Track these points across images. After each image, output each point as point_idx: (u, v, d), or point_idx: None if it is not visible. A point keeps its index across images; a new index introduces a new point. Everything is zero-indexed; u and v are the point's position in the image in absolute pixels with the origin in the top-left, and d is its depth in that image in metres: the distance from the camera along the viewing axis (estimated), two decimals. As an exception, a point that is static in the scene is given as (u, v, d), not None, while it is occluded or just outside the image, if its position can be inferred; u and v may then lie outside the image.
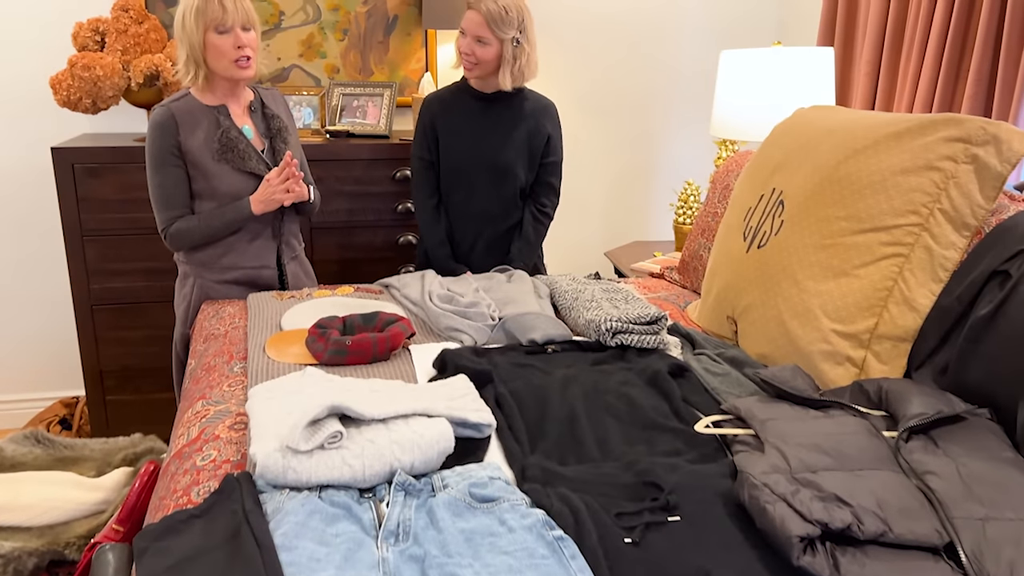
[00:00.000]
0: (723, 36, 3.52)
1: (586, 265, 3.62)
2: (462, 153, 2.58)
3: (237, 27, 2.22)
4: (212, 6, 2.20)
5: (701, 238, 2.43)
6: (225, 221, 2.28)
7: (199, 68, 2.26)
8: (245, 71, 2.26)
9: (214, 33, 2.21)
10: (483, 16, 2.43)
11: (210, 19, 2.20)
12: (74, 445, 2.17)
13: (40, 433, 2.18)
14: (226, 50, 2.22)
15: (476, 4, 2.45)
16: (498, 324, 1.96)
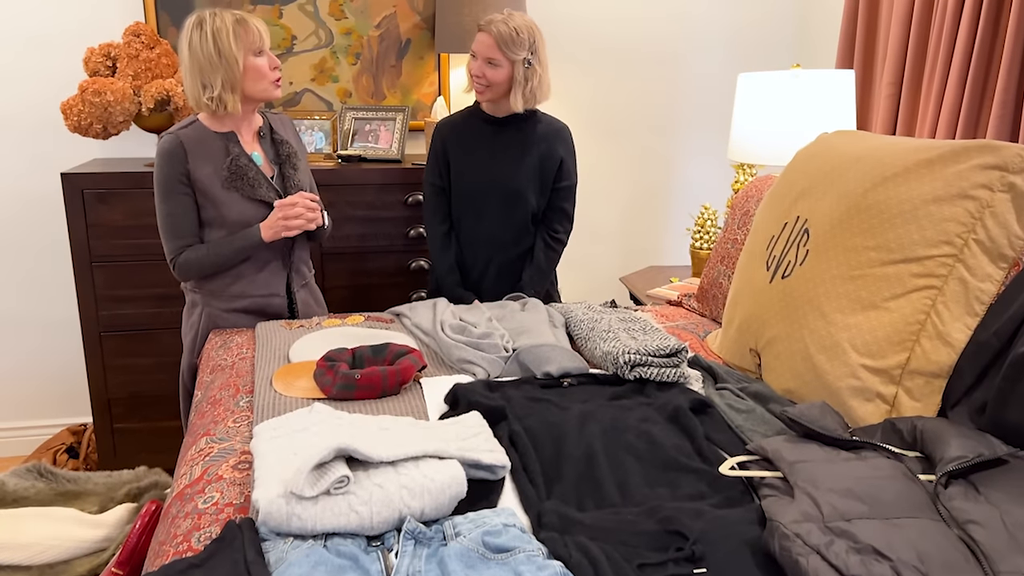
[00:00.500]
0: (741, 58, 3.46)
1: (601, 290, 3.54)
2: (473, 178, 2.52)
3: (267, 49, 2.22)
4: (250, 30, 2.18)
5: (720, 265, 2.36)
6: (234, 248, 2.23)
7: (235, 93, 2.21)
8: (278, 90, 2.26)
9: (252, 56, 2.19)
10: (494, 38, 2.38)
11: (250, 42, 2.18)
12: (77, 479, 2.11)
13: (43, 466, 2.12)
14: (265, 71, 2.21)
15: (487, 26, 2.40)
16: (512, 356, 1.89)
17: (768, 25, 3.48)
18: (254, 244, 2.23)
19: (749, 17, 3.47)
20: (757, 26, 3.47)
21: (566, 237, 2.61)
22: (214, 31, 2.16)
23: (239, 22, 2.16)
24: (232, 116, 2.28)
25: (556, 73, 3.39)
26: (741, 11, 3.47)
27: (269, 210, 2.27)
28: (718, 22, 3.45)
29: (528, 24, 2.44)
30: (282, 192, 2.33)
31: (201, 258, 2.21)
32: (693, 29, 3.45)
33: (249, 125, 2.34)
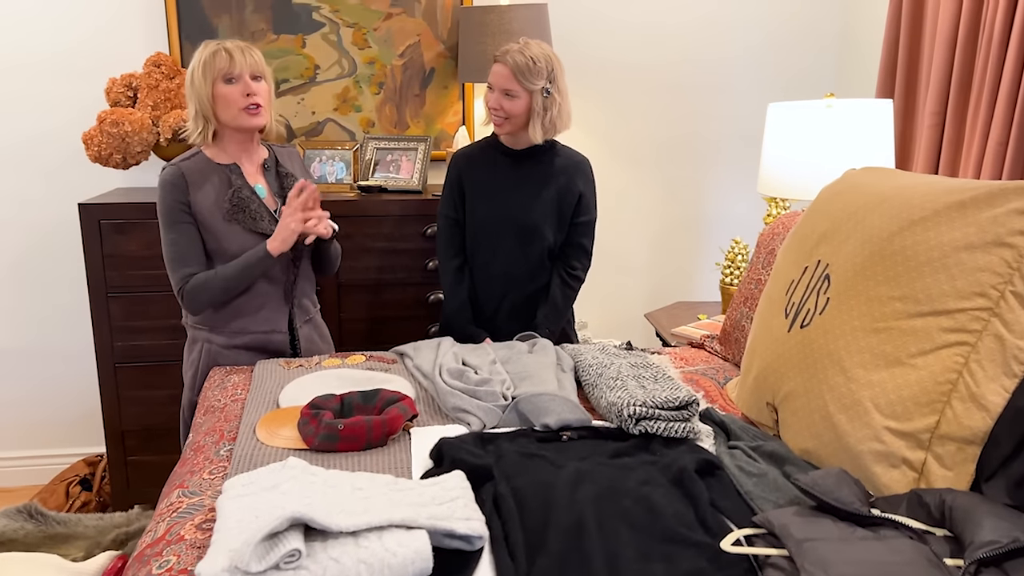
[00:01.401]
0: (775, 87, 3.30)
1: (627, 325, 3.40)
2: (488, 212, 2.42)
3: (246, 75, 2.13)
4: (219, 56, 2.12)
5: (743, 306, 2.21)
6: (240, 267, 2.12)
7: (208, 123, 2.17)
8: (255, 118, 2.15)
9: (222, 83, 2.12)
10: (510, 68, 2.28)
11: (218, 69, 2.11)
12: (68, 521, 2.05)
13: (34, 507, 2.06)
14: (234, 98, 2.12)
15: (502, 56, 2.30)
16: (511, 405, 1.77)
17: (805, 52, 3.32)
18: (260, 258, 2.12)
19: (784, 44, 3.32)
20: (793, 53, 3.32)
21: (584, 274, 2.49)
22: (193, 61, 2.14)
23: (215, 51, 2.11)
24: (232, 146, 2.22)
25: (583, 102, 3.27)
26: (777, 38, 3.31)
27: None
28: (752, 50, 3.31)
29: (546, 52, 2.33)
30: None
31: (210, 281, 2.12)
32: (726, 57, 3.31)
33: (252, 157, 2.27)
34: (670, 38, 3.27)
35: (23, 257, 3.11)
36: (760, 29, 3.30)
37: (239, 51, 2.13)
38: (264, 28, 3.08)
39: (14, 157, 3.04)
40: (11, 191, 3.06)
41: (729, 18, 3.29)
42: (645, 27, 3.25)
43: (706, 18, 3.27)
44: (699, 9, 3.26)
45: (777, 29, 3.31)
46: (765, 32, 3.30)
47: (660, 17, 3.25)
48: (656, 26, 3.26)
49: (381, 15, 3.12)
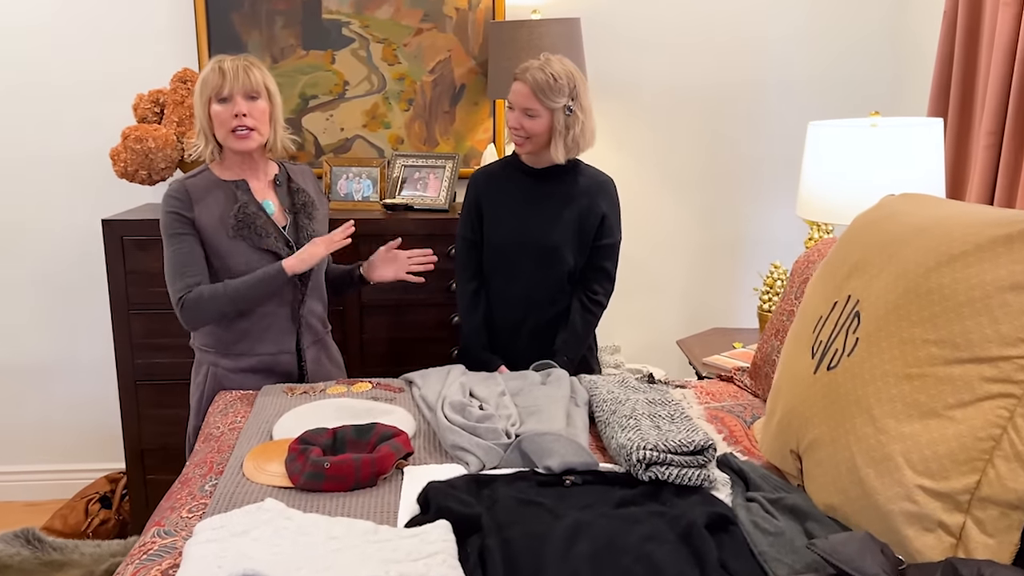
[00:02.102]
0: (819, 104, 3.13)
1: (661, 351, 3.24)
2: (506, 233, 2.31)
3: (238, 95, 2.06)
4: (213, 74, 2.07)
5: (775, 339, 2.05)
6: (253, 282, 2.04)
7: (208, 140, 2.14)
8: (242, 141, 2.08)
9: (216, 102, 2.07)
10: (530, 87, 2.17)
11: (211, 88, 2.06)
12: (64, 548, 2.00)
13: (32, 533, 2.02)
14: (225, 119, 2.07)
15: (522, 74, 2.20)
16: (513, 443, 1.65)
17: (851, 68, 3.14)
18: (274, 275, 2.04)
19: (829, 61, 3.14)
20: (838, 70, 3.14)
21: (606, 299, 2.36)
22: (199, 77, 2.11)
23: (211, 68, 2.06)
24: (235, 163, 2.17)
25: (617, 120, 3.15)
26: (820, 54, 3.14)
27: (276, 260, 2.12)
28: (794, 65, 3.14)
29: (567, 69, 2.22)
30: (294, 242, 2.18)
31: (216, 293, 2.03)
32: (769, 73, 3.15)
33: (259, 173, 2.21)
34: (707, 53, 3.13)
35: (54, 272, 3.11)
36: (803, 44, 3.13)
37: (233, 70, 2.06)
38: (294, 44, 3.03)
39: (46, 172, 3.04)
40: (43, 205, 3.06)
41: (770, 32, 3.13)
42: (682, 42, 3.11)
43: (746, 32, 3.12)
44: (738, 23, 3.11)
45: (821, 45, 3.13)
46: (808, 47, 3.13)
47: (697, 32, 3.11)
48: (693, 41, 3.12)
49: (412, 31, 3.04)
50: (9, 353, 3.14)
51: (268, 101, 2.12)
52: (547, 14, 2.97)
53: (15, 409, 3.18)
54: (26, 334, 3.14)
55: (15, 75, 2.96)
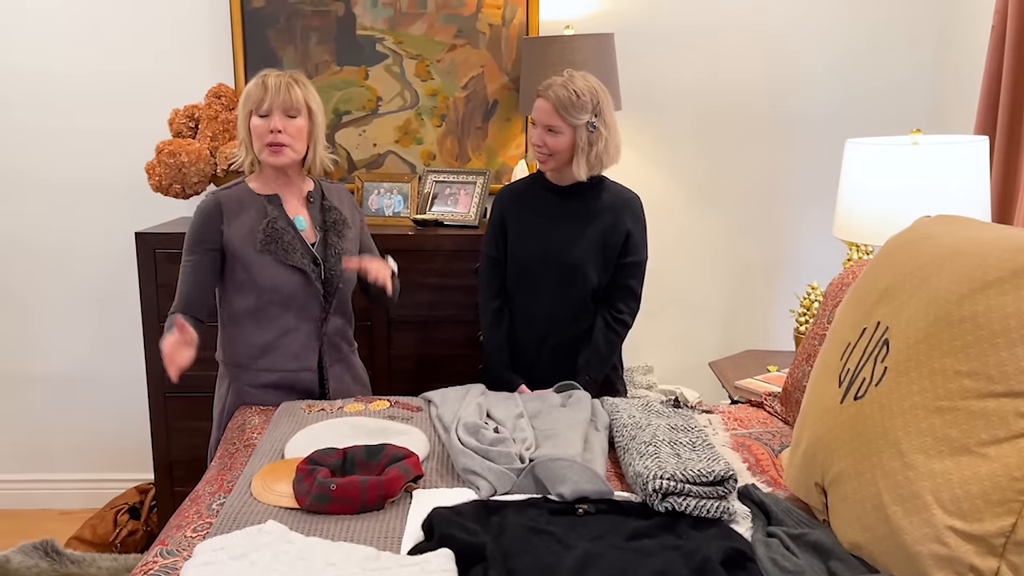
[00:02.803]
0: (858, 121, 3.03)
1: (694, 372, 3.16)
2: (528, 250, 2.27)
3: (277, 111, 2.07)
4: (256, 88, 2.09)
5: (805, 365, 1.97)
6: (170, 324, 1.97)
7: (247, 152, 2.16)
8: (275, 157, 2.09)
9: (256, 116, 2.08)
10: (552, 104, 2.14)
11: (252, 101, 2.08)
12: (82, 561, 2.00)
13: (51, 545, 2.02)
14: (261, 133, 2.08)
15: (545, 91, 2.17)
16: (527, 468, 1.60)
17: (891, 85, 3.04)
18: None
19: (868, 77, 3.05)
20: (878, 86, 3.04)
21: (631, 319, 2.29)
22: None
23: (256, 82, 2.08)
24: (271, 177, 2.17)
25: (650, 136, 3.09)
26: (860, 70, 3.05)
27: (302, 277, 2.12)
28: (833, 82, 3.05)
29: (591, 85, 2.18)
30: (321, 259, 2.17)
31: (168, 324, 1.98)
32: (808, 88, 3.06)
33: (294, 188, 2.21)
34: (744, 68, 3.05)
35: (89, 284, 3.15)
36: (841, 60, 3.04)
37: (275, 86, 2.07)
38: (328, 60, 3.04)
39: (83, 186, 3.09)
40: (80, 218, 3.10)
41: (808, 47, 3.04)
42: (717, 57, 3.05)
43: (783, 46, 3.04)
44: (775, 37, 3.03)
45: (860, 60, 3.04)
46: (846, 63, 3.04)
47: (733, 46, 3.04)
48: (729, 56, 3.05)
49: (445, 46, 3.03)
50: (44, 364, 3.19)
51: (308, 119, 2.12)
52: (580, 30, 2.93)
53: (50, 419, 3.22)
54: (60, 345, 3.19)
55: (53, 89, 3.02)
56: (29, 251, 3.12)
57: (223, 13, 2.98)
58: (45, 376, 3.20)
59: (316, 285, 2.14)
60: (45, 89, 3.02)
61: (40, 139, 3.06)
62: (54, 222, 3.11)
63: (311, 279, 2.13)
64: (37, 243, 3.12)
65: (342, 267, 2.17)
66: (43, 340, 3.18)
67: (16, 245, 3.12)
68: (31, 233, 3.11)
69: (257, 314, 2.14)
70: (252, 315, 2.14)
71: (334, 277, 2.17)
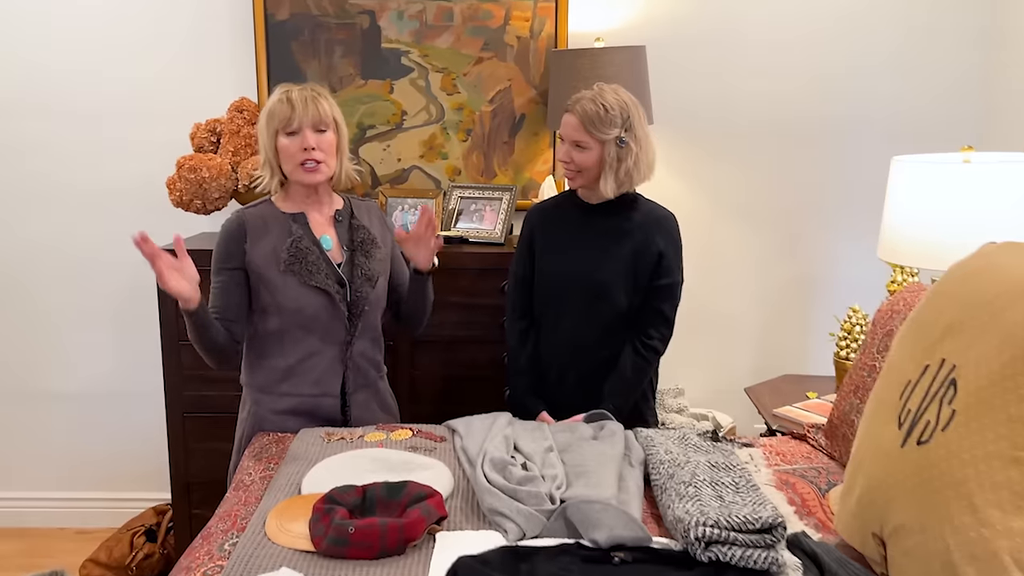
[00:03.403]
0: (904, 137, 2.90)
1: (727, 396, 3.02)
2: (554, 268, 2.17)
3: (307, 128, 1.98)
4: (281, 106, 1.99)
5: (854, 397, 1.84)
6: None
7: (274, 172, 2.05)
8: (311, 175, 2.00)
9: (283, 135, 1.99)
10: (579, 118, 2.04)
11: (279, 119, 1.98)
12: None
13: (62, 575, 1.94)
14: (292, 152, 1.98)
15: (573, 106, 2.07)
16: (558, 510, 1.48)
17: (940, 101, 2.91)
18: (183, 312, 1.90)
19: (916, 91, 2.92)
20: (926, 101, 2.91)
21: (662, 346, 2.17)
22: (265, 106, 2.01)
23: (279, 99, 1.98)
24: (299, 196, 2.08)
25: (684, 151, 2.97)
26: (906, 83, 2.92)
27: (326, 299, 2.03)
28: (877, 95, 2.92)
29: (621, 99, 2.07)
30: (348, 280, 2.07)
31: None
32: (847, 101, 2.94)
33: (322, 207, 2.12)
34: (783, 81, 2.94)
35: (110, 300, 3.09)
36: (886, 72, 2.91)
37: (302, 102, 1.98)
38: (352, 73, 2.96)
39: (104, 200, 3.02)
40: (100, 233, 3.03)
41: (850, 59, 2.92)
42: (755, 69, 2.93)
43: (824, 59, 2.92)
44: (815, 47, 2.91)
45: (906, 72, 2.91)
46: (892, 74, 2.91)
47: (772, 58, 2.92)
48: (767, 68, 2.93)
49: (471, 59, 2.94)
50: (65, 380, 3.12)
51: (336, 132, 2.04)
52: (611, 42, 2.83)
53: (69, 436, 3.15)
54: (81, 361, 3.12)
55: (74, 102, 2.95)
56: (50, 264, 3.06)
57: (247, 26, 2.91)
58: (65, 392, 3.13)
59: (341, 307, 2.05)
60: (69, 101, 2.96)
61: (62, 153, 3.00)
62: (76, 235, 3.04)
63: (335, 301, 2.04)
64: (58, 256, 3.05)
65: (369, 289, 2.08)
66: (64, 355, 3.12)
67: (38, 258, 3.06)
68: (53, 245, 3.05)
69: (280, 337, 2.05)
70: (274, 338, 2.05)
71: (360, 299, 2.07)
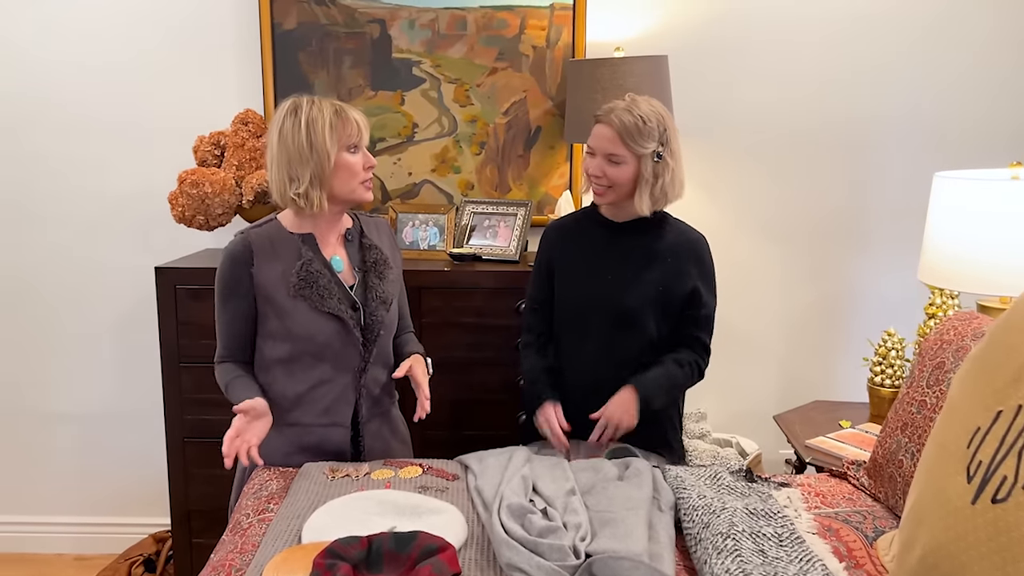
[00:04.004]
0: (946, 152, 2.74)
1: (752, 421, 2.87)
2: (576, 292, 2.02)
3: (363, 145, 1.90)
4: (349, 123, 1.86)
5: (900, 435, 1.68)
6: (230, 391, 1.90)
7: (322, 190, 1.87)
8: (369, 192, 1.92)
9: (346, 152, 1.86)
10: (616, 130, 1.89)
11: (347, 135, 1.85)
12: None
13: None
14: (357, 170, 1.87)
15: (606, 116, 1.92)
16: (582, 566, 1.33)
17: (986, 114, 2.75)
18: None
19: (959, 102, 2.76)
20: (970, 114, 2.75)
21: (704, 367, 2.03)
22: (309, 120, 1.83)
23: (337, 113, 1.85)
24: (315, 216, 1.93)
25: (709, 166, 2.82)
26: (949, 94, 2.76)
27: (339, 324, 1.89)
28: (917, 106, 2.77)
29: (657, 111, 1.93)
30: (362, 303, 1.93)
31: (223, 376, 1.94)
32: (883, 114, 2.78)
33: (333, 227, 1.97)
34: (813, 90, 2.78)
35: (109, 318, 2.95)
36: (927, 81, 2.76)
37: (362, 118, 1.90)
38: (362, 84, 2.82)
39: (106, 215, 2.89)
40: (106, 248, 2.90)
41: (887, 66, 2.76)
42: (783, 79, 2.78)
43: (858, 66, 2.76)
44: (846, 54, 2.76)
45: (949, 82, 2.75)
46: (934, 84, 2.76)
47: (802, 66, 2.77)
48: (797, 78, 2.78)
49: (485, 70, 2.80)
50: (66, 401, 2.99)
51: None
52: (632, 51, 2.68)
53: (67, 459, 3.02)
54: (82, 382, 2.98)
55: (78, 114, 2.83)
56: (50, 282, 2.93)
57: (253, 36, 2.78)
58: (64, 413, 2.99)
59: (355, 333, 1.90)
60: (70, 113, 2.83)
61: (62, 168, 2.87)
62: (78, 250, 2.91)
63: (349, 326, 1.89)
64: (60, 272, 2.92)
65: (383, 312, 1.94)
66: (65, 376, 2.98)
67: (38, 275, 2.93)
68: (55, 262, 2.91)
69: (289, 364, 1.91)
70: (283, 365, 1.91)
71: (374, 323, 1.93)
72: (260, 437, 1.77)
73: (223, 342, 1.93)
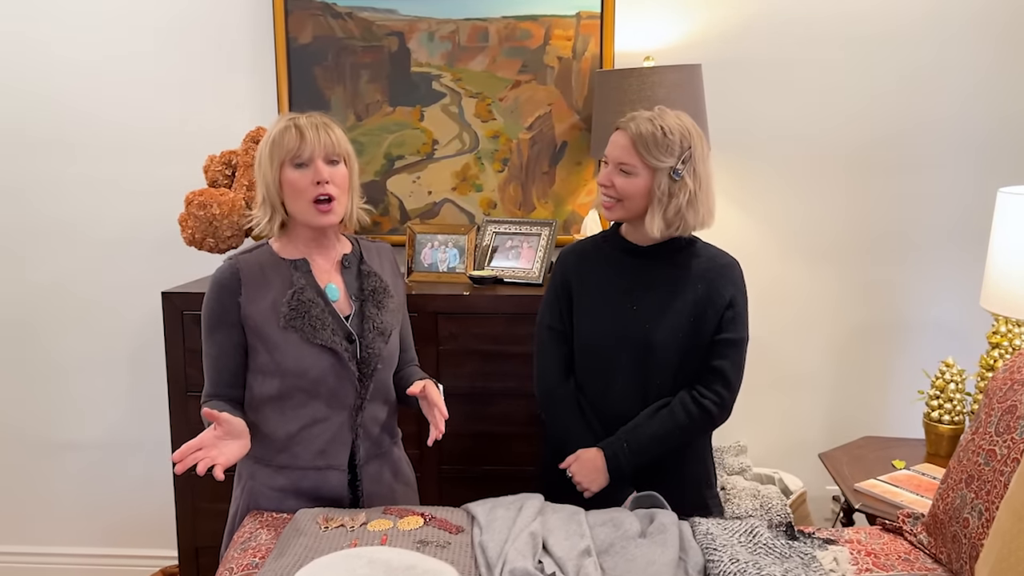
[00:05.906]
0: (1010, 166, 2.50)
1: (797, 456, 2.63)
2: (596, 324, 1.82)
3: (318, 159, 1.68)
4: (288, 135, 1.68)
5: (966, 488, 1.46)
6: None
7: (275, 212, 1.73)
8: (324, 216, 1.70)
9: (290, 167, 1.68)
10: (631, 137, 1.71)
11: (286, 149, 1.68)
12: None
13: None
14: (302, 186, 1.68)
15: (625, 124, 1.74)
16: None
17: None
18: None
19: (1020, 109, 2.52)
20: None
21: (715, 408, 1.77)
22: (265, 137, 1.70)
23: (285, 127, 1.68)
24: (302, 239, 1.77)
25: (748, 183, 2.62)
26: (1013, 101, 2.52)
27: (333, 358, 1.71)
28: (977, 115, 2.53)
29: (684, 125, 1.74)
30: (357, 335, 1.76)
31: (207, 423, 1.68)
32: (937, 125, 2.55)
33: (328, 251, 1.81)
34: (860, 99, 2.56)
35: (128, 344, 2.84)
36: (990, 87, 2.52)
37: (313, 128, 1.69)
38: (380, 100, 2.68)
39: (115, 238, 2.78)
40: (116, 272, 2.80)
41: (942, 70, 2.53)
42: (824, 86, 2.57)
43: (911, 75, 2.54)
44: (893, 60, 2.54)
45: (1007, 83, 2.51)
46: (998, 91, 2.52)
47: (848, 73, 2.56)
48: (844, 88, 2.56)
49: (508, 83, 2.64)
50: (72, 430, 2.88)
51: (348, 166, 1.75)
52: (662, 61, 2.50)
53: (73, 488, 2.90)
54: (86, 410, 2.87)
55: (88, 132, 2.72)
56: (57, 307, 2.83)
57: (267, 50, 2.66)
58: (71, 442, 2.88)
59: (350, 367, 1.73)
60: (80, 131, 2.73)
61: (71, 190, 2.77)
62: (87, 275, 2.80)
63: (344, 360, 1.72)
64: (69, 298, 2.82)
65: (382, 344, 1.77)
66: (70, 404, 2.87)
67: (44, 301, 2.83)
68: (64, 287, 2.81)
69: (279, 402, 1.74)
70: (273, 402, 1.74)
71: (371, 357, 1.75)
72: (230, 460, 1.57)
73: (210, 378, 1.75)
